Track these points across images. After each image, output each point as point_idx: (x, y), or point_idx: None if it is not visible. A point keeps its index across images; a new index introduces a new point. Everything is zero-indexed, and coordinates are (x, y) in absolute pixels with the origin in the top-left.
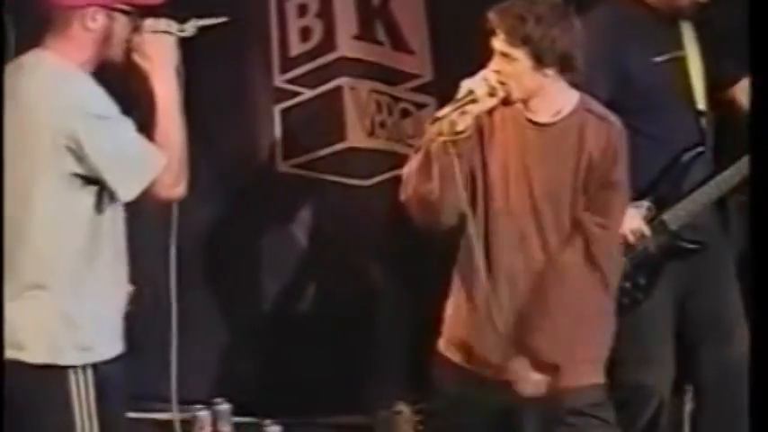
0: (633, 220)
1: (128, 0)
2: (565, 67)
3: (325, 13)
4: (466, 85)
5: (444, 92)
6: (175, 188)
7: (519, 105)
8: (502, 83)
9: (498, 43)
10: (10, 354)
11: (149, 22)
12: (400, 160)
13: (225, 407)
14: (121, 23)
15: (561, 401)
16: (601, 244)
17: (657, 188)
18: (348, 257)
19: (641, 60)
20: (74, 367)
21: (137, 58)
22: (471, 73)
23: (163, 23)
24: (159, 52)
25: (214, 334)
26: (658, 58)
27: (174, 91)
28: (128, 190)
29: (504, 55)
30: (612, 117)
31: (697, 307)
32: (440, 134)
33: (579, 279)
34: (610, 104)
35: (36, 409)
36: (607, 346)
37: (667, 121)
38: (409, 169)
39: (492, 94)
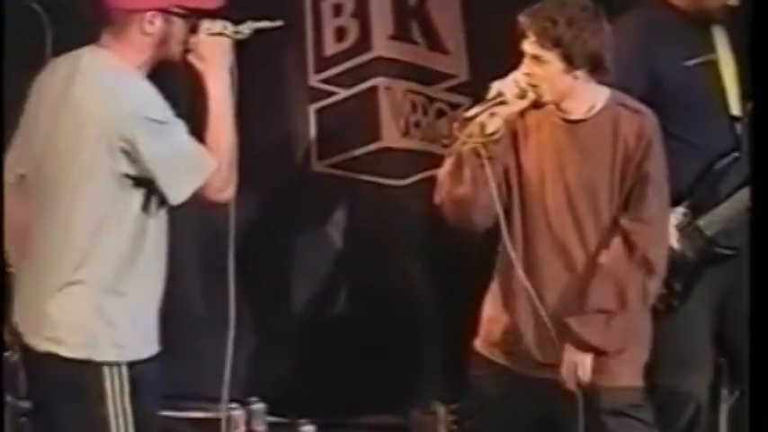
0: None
1: (185, 4)
2: (595, 67)
3: (361, 13)
4: (495, 86)
5: (480, 92)
6: (224, 192)
7: (551, 107)
8: (533, 85)
9: (529, 46)
10: (48, 347)
11: (206, 24)
12: (435, 160)
13: (259, 406)
14: (178, 26)
15: (601, 401)
16: (642, 238)
17: (693, 194)
18: (383, 257)
19: (672, 64)
20: (109, 364)
21: (192, 58)
22: (506, 73)
23: (219, 25)
24: (214, 54)
25: (249, 333)
26: (690, 62)
27: (227, 93)
28: (178, 193)
29: (535, 57)
30: (645, 109)
31: (737, 309)
32: (470, 136)
33: (622, 277)
34: None
35: (70, 403)
36: (648, 349)
37: (701, 126)
38: (443, 172)
39: (522, 96)
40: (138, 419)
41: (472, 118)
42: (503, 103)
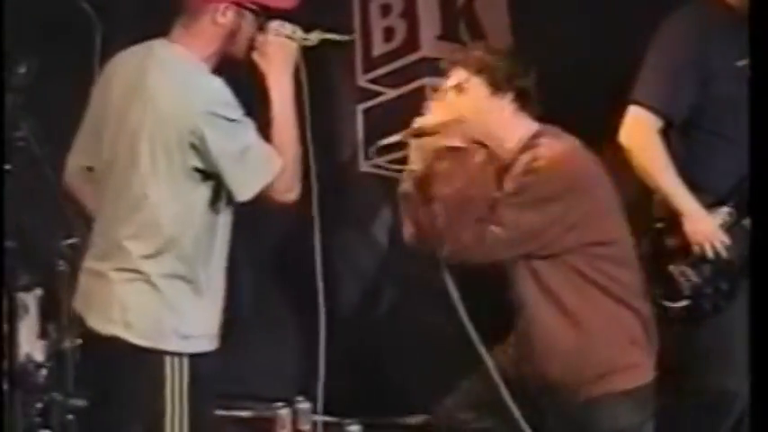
0: (711, 226)
1: (260, 1)
2: (522, 98)
3: (409, 14)
4: (418, 121)
5: None
6: (289, 193)
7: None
8: (458, 120)
9: (452, 78)
10: (114, 330)
11: (275, 25)
12: None
13: (305, 405)
14: (248, 21)
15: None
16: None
17: (738, 194)
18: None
19: (725, 63)
20: (171, 354)
21: (256, 57)
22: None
23: (288, 28)
24: (280, 55)
25: (295, 332)
26: (741, 62)
27: (290, 95)
28: (245, 190)
29: (458, 87)
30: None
31: None
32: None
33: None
34: (692, 108)
35: (129, 390)
36: (627, 351)
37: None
38: None
39: (445, 128)
40: (193, 414)
41: (387, 147)
42: (422, 135)
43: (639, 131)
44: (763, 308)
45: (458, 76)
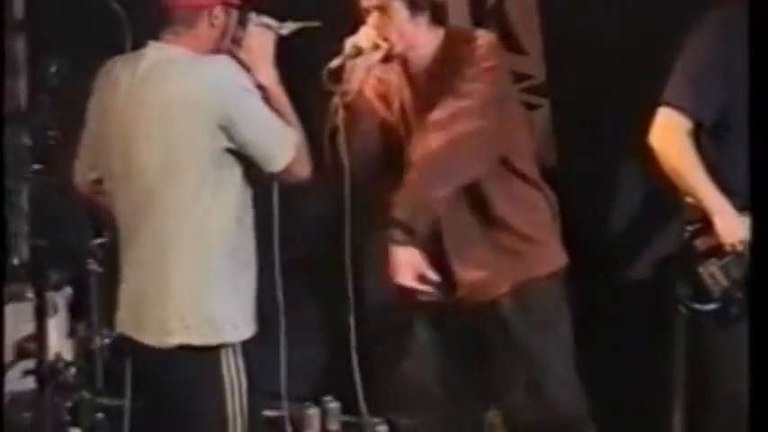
0: (742, 227)
1: None
2: (436, 11)
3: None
4: (350, 41)
5: (558, 93)
6: (306, 168)
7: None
8: (384, 38)
9: (372, 1)
10: (178, 340)
11: (254, 17)
12: None
13: (334, 405)
14: (233, 17)
15: None
16: None
17: None
18: None
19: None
20: (227, 346)
21: (238, 50)
22: (584, 74)
23: (266, 20)
24: (262, 45)
25: (323, 331)
26: None
27: (277, 82)
28: (277, 160)
29: (381, 8)
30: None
31: None
32: (343, 93)
33: None
34: (722, 110)
35: (189, 388)
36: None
37: None
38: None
39: (377, 47)
40: (250, 406)
41: (337, 70)
42: (360, 54)
43: (669, 133)
44: (763, 308)
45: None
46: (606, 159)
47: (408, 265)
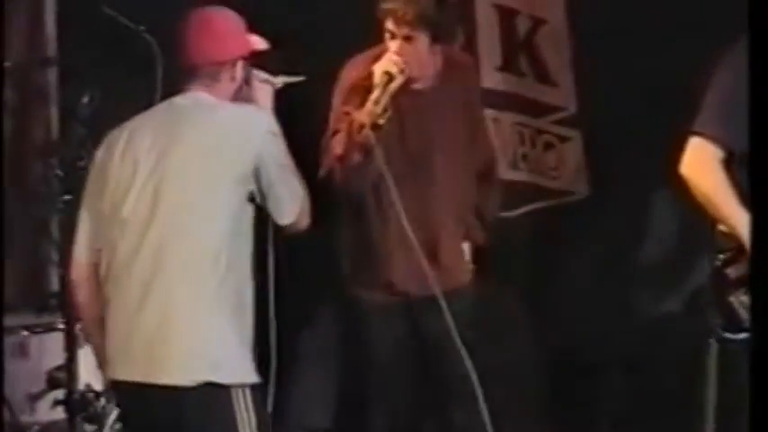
0: None
1: (250, 50)
2: (448, 41)
3: (470, 45)
4: (382, 68)
5: (588, 125)
6: (307, 219)
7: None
8: (406, 62)
9: (398, 28)
10: (203, 377)
11: (257, 72)
12: (543, 193)
13: None
14: (244, 72)
15: None
16: None
17: None
18: (487, 288)
19: None
20: (236, 386)
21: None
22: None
23: (264, 74)
24: (266, 99)
25: (335, 362)
26: None
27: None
28: (288, 212)
29: (406, 38)
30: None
31: None
32: (370, 114)
33: None
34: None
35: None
36: None
37: None
38: (336, 144)
39: (402, 72)
40: None
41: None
42: (391, 80)
43: (701, 162)
44: (763, 308)
45: (405, 28)
46: (637, 190)
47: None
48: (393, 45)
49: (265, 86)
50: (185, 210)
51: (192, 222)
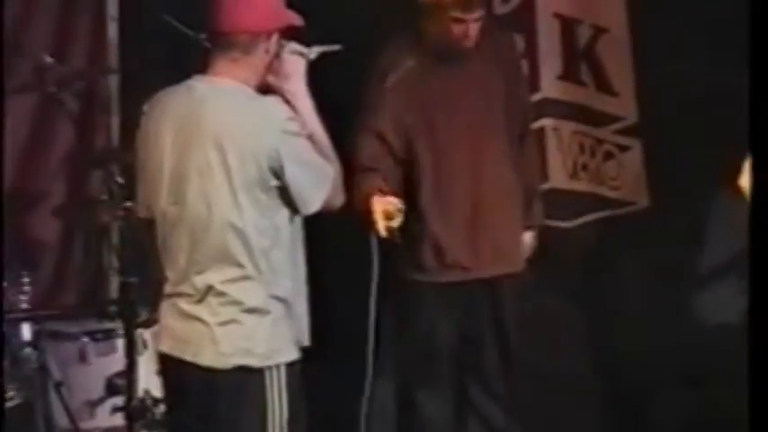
0: None
1: (287, 23)
2: None
3: (530, 53)
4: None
5: (649, 134)
6: (339, 199)
7: None
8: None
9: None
10: (236, 361)
11: (288, 44)
12: (603, 203)
13: None
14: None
15: None
16: None
17: None
18: (543, 297)
19: None
20: (270, 368)
21: (273, 79)
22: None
23: (296, 45)
24: (297, 72)
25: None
26: None
27: (312, 106)
28: (312, 203)
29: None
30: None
31: None
32: None
33: None
34: None
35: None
36: None
37: None
38: None
39: None
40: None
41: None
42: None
43: None
44: (763, 307)
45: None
46: (697, 201)
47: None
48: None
49: (297, 58)
50: (208, 205)
51: (216, 216)
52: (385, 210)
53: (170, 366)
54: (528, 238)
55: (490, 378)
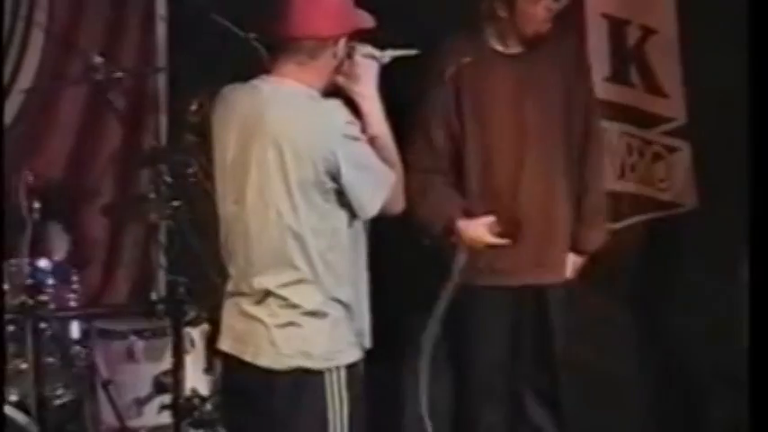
0: None
1: (356, 27)
2: None
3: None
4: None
5: (698, 136)
6: (399, 204)
7: None
8: None
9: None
10: (296, 363)
11: (360, 47)
12: (651, 204)
13: None
14: (345, 49)
15: None
16: None
17: None
18: (590, 297)
19: None
20: (330, 370)
21: (344, 81)
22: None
23: (369, 48)
24: (368, 75)
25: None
26: None
27: (382, 112)
28: (370, 208)
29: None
30: None
31: None
32: None
33: None
34: None
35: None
36: None
37: None
38: None
39: None
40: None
41: None
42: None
43: None
44: (762, 307)
45: None
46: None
47: None
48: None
49: (369, 61)
50: (265, 204)
51: (272, 216)
52: (476, 237)
53: (230, 365)
54: (575, 259)
55: (541, 387)
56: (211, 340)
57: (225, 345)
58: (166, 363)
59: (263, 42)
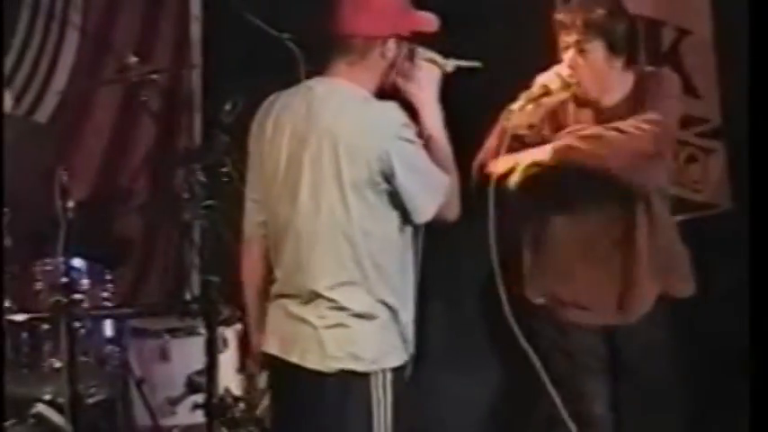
0: None
1: (412, 28)
2: (630, 56)
3: None
4: (540, 80)
5: (733, 137)
6: (454, 210)
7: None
8: (575, 80)
9: (572, 37)
10: (342, 365)
11: (422, 51)
12: (686, 205)
13: None
14: (403, 50)
15: None
16: None
17: None
18: None
19: None
20: (376, 373)
21: (404, 84)
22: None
23: (432, 54)
24: (429, 79)
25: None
26: None
27: (440, 117)
28: (424, 211)
29: (579, 49)
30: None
31: None
32: (515, 126)
33: None
34: None
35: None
36: None
37: None
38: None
39: (566, 87)
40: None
41: (520, 109)
42: (547, 94)
43: None
44: (762, 307)
45: (578, 35)
46: None
47: None
48: (566, 57)
49: (431, 68)
50: (318, 205)
51: (325, 217)
52: (545, 83)
53: (276, 367)
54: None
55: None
56: (244, 340)
57: (271, 347)
58: (199, 362)
59: (297, 42)
